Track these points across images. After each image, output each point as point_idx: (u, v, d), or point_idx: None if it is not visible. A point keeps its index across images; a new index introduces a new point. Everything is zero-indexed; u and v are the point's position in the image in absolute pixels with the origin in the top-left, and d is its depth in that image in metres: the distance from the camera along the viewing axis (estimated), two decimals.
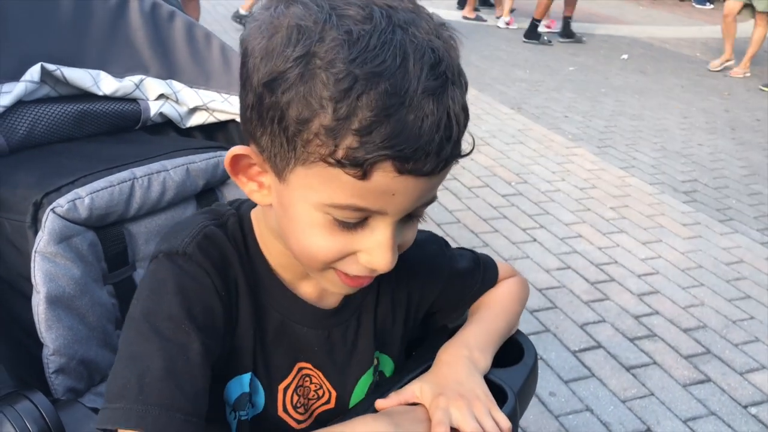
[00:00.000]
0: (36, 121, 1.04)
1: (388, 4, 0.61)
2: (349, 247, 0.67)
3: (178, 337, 0.66)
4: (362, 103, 0.57)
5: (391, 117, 0.58)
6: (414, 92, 0.58)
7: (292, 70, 0.59)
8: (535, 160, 4.23)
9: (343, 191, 0.62)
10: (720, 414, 2.20)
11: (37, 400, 0.78)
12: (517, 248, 3.11)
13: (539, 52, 7.26)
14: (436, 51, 0.60)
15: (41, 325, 0.87)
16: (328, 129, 0.58)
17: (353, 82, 0.57)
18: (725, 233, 3.50)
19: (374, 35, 0.58)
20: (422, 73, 0.59)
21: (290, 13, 0.61)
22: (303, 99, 0.59)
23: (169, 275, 0.69)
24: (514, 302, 0.95)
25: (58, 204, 0.90)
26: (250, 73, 0.63)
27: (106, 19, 1.12)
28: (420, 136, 0.59)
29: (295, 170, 0.63)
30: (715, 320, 2.72)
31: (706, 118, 5.54)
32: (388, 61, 0.58)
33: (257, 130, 0.64)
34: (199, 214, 0.78)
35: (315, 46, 0.58)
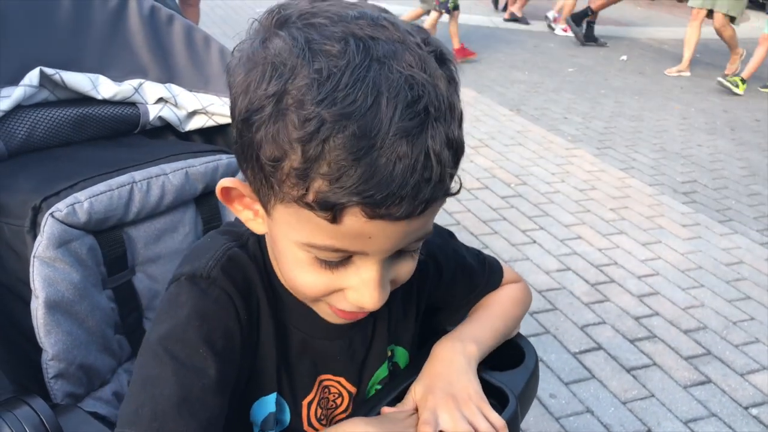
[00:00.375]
0: (35, 125, 1.04)
1: (371, 35, 0.58)
2: (336, 285, 0.66)
3: (194, 362, 0.66)
4: (329, 147, 0.55)
5: (360, 161, 0.55)
6: (385, 134, 0.55)
7: (266, 108, 0.57)
8: (534, 161, 4.23)
9: (319, 233, 0.60)
10: (721, 415, 2.20)
11: (36, 405, 0.77)
12: (517, 250, 3.11)
13: (538, 54, 7.26)
14: (414, 87, 0.56)
15: (40, 330, 0.87)
16: (297, 171, 0.57)
17: (320, 124, 0.55)
18: (725, 234, 3.50)
19: (346, 72, 0.55)
20: (395, 113, 0.55)
21: (269, 47, 0.59)
22: (274, 139, 0.57)
23: (190, 299, 0.69)
24: (515, 306, 0.95)
25: (57, 208, 0.89)
26: (233, 108, 0.62)
27: (104, 23, 1.12)
28: (391, 181, 0.56)
29: (276, 207, 0.62)
30: (716, 321, 2.72)
31: (705, 118, 5.54)
32: (359, 101, 0.55)
33: (242, 163, 0.64)
34: (218, 234, 0.77)
35: (288, 83, 0.56)
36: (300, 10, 0.61)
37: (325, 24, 0.59)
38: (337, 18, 0.59)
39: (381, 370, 0.86)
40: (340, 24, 0.58)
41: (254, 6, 8.12)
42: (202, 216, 1.10)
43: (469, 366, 0.81)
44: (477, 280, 0.94)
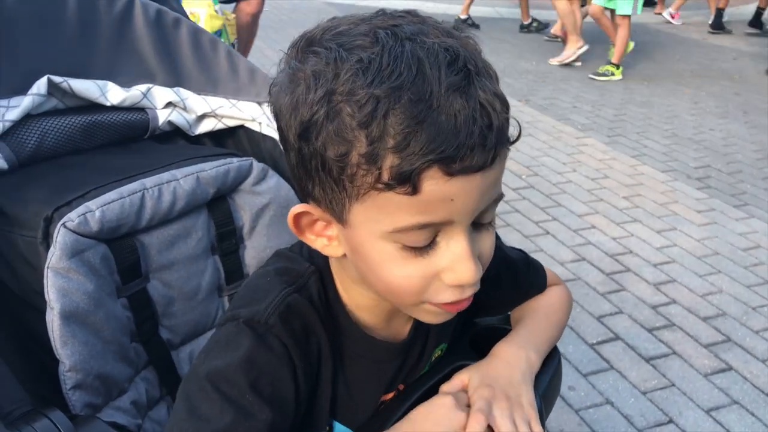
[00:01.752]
0: (44, 134, 1.03)
1: (392, 23, 0.62)
2: (431, 270, 0.65)
3: (242, 403, 0.66)
4: (390, 120, 0.57)
5: (423, 123, 0.57)
6: (438, 93, 0.57)
7: (318, 113, 0.60)
8: (545, 152, 4.20)
9: (403, 213, 0.61)
10: (743, 402, 2.18)
11: (55, 417, 0.77)
12: (531, 241, 3.09)
13: (545, 44, 7.20)
14: (449, 49, 0.60)
15: (56, 341, 0.86)
16: (366, 156, 0.58)
17: (376, 102, 0.57)
18: (741, 218, 3.46)
19: (384, 54, 0.58)
20: (440, 73, 0.58)
21: (306, 64, 0.62)
22: (335, 136, 0.59)
23: (245, 342, 0.69)
24: (564, 312, 0.96)
25: (69, 218, 0.89)
26: (286, 133, 0.64)
27: (111, 29, 1.11)
28: (458, 132, 0.58)
29: (352, 209, 0.63)
30: (734, 307, 2.69)
31: (716, 102, 5.48)
32: (404, 73, 0.58)
33: (307, 184, 0.65)
34: (277, 273, 0.76)
35: (332, 84, 0.59)
36: (322, 28, 0.64)
37: (349, 28, 0.62)
38: (358, 20, 0.64)
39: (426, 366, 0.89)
40: (363, 24, 0.62)
41: None
42: (215, 220, 1.09)
43: (530, 376, 0.82)
44: (521, 281, 0.94)
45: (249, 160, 1.13)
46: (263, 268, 0.80)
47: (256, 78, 1.20)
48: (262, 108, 1.20)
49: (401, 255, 0.64)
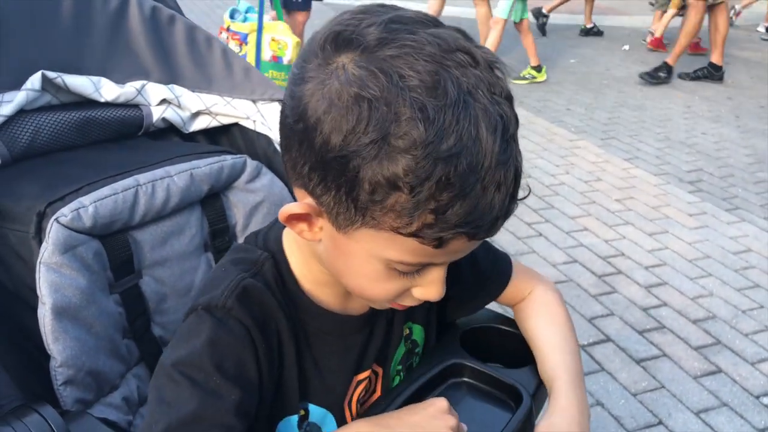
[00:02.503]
0: (38, 129, 1.03)
1: (456, 63, 0.59)
2: (406, 287, 0.71)
3: (209, 385, 0.67)
4: (441, 185, 0.58)
5: (468, 195, 0.58)
6: (489, 167, 0.59)
7: (367, 150, 0.58)
8: (538, 154, 4.22)
9: (414, 254, 0.64)
10: (732, 405, 2.19)
11: (45, 413, 0.77)
12: (523, 243, 3.10)
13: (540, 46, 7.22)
14: (503, 116, 0.60)
15: (48, 336, 0.86)
16: (404, 208, 0.59)
17: (434, 166, 0.57)
18: (732, 222, 3.48)
19: (448, 111, 0.57)
20: (495, 145, 0.59)
21: (353, 77, 0.59)
22: (379, 178, 0.58)
23: (205, 327, 0.70)
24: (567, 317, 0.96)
25: (61, 213, 0.89)
26: (312, 137, 0.61)
27: (106, 25, 1.11)
28: (492, 209, 0.60)
29: (361, 230, 0.63)
30: (725, 310, 2.70)
31: (709, 106, 5.51)
32: (464, 138, 0.57)
33: (317, 188, 0.63)
34: (231, 264, 0.78)
35: (392, 126, 0.57)
36: (377, 38, 0.60)
37: (409, 53, 0.59)
38: (417, 45, 0.59)
39: (399, 348, 0.89)
40: (423, 53, 0.59)
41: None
42: (208, 217, 1.09)
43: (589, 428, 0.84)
44: (481, 269, 0.94)
45: (243, 157, 1.13)
46: (222, 260, 0.81)
47: (251, 76, 1.20)
48: (256, 106, 1.20)
49: (387, 274, 0.68)
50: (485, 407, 0.88)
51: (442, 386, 0.89)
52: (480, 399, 0.89)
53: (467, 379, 0.90)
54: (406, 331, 0.89)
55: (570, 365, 0.87)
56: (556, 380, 0.86)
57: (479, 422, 0.86)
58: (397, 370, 0.89)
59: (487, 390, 0.89)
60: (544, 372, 0.88)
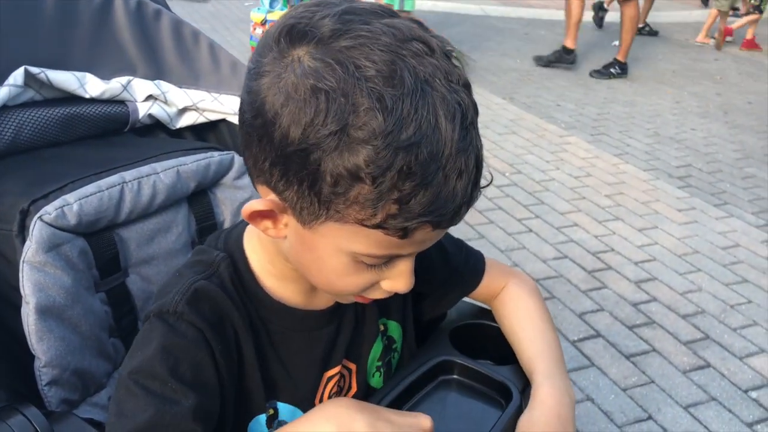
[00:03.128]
0: (21, 126, 1.02)
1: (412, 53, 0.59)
2: (375, 280, 0.70)
3: (165, 393, 0.67)
4: (403, 174, 0.57)
5: (430, 183, 0.58)
6: (449, 155, 0.59)
7: (327, 142, 0.57)
8: (528, 149, 4.22)
9: (380, 245, 0.63)
10: (720, 399, 2.20)
11: (30, 414, 0.76)
12: (513, 239, 3.10)
13: (530, 41, 7.24)
14: (461, 103, 0.60)
15: (32, 336, 0.84)
16: (368, 199, 0.59)
17: (394, 156, 0.57)
18: (720, 217, 3.50)
19: (405, 100, 0.57)
20: (454, 133, 0.59)
21: (309, 69, 0.58)
22: (340, 170, 0.58)
23: (158, 334, 0.69)
24: (542, 307, 0.96)
25: (45, 211, 0.87)
26: (271, 132, 0.60)
27: (90, 20, 1.09)
28: (455, 197, 0.60)
29: (326, 224, 0.63)
30: (713, 305, 2.72)
31: (698, 102, 5.54)
32: (423, 127, 0.57)
33: (279, 184, 0.63)
34: (186, 268, 0.77)
35: (350, 117, 0.57)
36: (331, 28, 0.59)
37: (364, 44, 0.58)
38: (371, 35, 0.59)
39: (376, 344, 0.88)
40: (378, 43, 0.59)
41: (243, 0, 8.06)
42: (195, 215, 1.08)
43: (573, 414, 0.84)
44: (453, 264, 0.94)
45: (230, 154, 1.12)
46: (178, 266, 0.80)
47: (238, 71, 1.19)
48: None
49: (355, 267, 0.67)
50: (475, 404, 0.88)
51: (432, 384, 0.89)
52: (470, 396, 0.89)
53: (457, 376, 0.90)
54: (381, 327, 0.89)
55: (547, 356, 0.88)
56: (534, 373, 0.86)
57: (469, 419, 0.85)
58: (376, 366, 0.88)
59: (477, 387, 0.89)
60: (523, 366, 0.89)
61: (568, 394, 0.84)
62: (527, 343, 0.90)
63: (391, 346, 0.91)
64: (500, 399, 0.86)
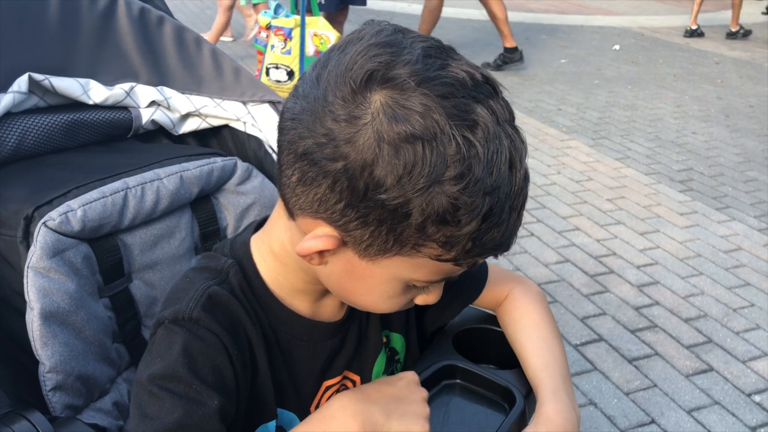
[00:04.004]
0: (25, 132, 1.02)
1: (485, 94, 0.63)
2: (412, 298, 0.74)
3: (190, 395, 0.67)
4: (483, 216, 0.61)
5: (502, 222, 0.63)
6: (516, 194, 0.64)
7: (419, 187, 0.59)
8: (529, 154, 4.17)
9: (439, 274, 0.68)
10: (724, 403, 2.20)
11: (34, 419, 0.76)
12: (515, 243, 3.10)
13: (530, 46, 7.25)
14: (524, 143, 0.65)
15: (36, 342, 0.85)
16: (449, 238, 0.62)
17: (483, 200, 0.60)
18: (722, 221, 3.49)
19: (490, 145, 0.61)
20: (519, 173, 0.63)
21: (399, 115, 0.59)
22: (430, 214, 0.60)
23: (177, 339, 0.70)
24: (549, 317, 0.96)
25: (49, 217, 0.88)
26: (356, 177, 0.60)
27: (94, 27, 1.10)
28: (515, 230, 0.66)
29: (393, 258, 0.65)
30: (716, 309, 2.72)
31: (699, 106, 5.54)
32: (502, 170, 0.61)
33: (351, 224, 0.63)
34: (195, 273, 0.78)
35: (443, 166, 0.59)
36: (410, 72, 0.60)
37: (450, 92, 0.60)
38: (454, 82, 0.61)
39: (380, 357, 0.88)
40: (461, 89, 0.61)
41: None
42: (199, 220, 1.09)
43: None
44: None
45: (233, 159, 1.12)
46: (186, 271, 0.80)
47: (241, 77, 1.20)
48: (246, 107, 1.19)
49: (402, 290, 0.71)
50: (478, 409, 0.88)
51: (436, 388, 0.89)
52: (473, 400, 0.89)
53: (460, 380, 0.90)
54: (383, 339, 0.89)
55: (552, 369, 0.87)
56: (540, 387, 0.85)
57: (473, 424, 0.86)
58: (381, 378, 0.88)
59: (480, 391, 0.89)
60: (528, 377, 0.88)
61: (574, 411, 0.84)
62: (532, 354, 0.89)
63: (394, 358, 0.91)
64: (504, 403, 0.87)
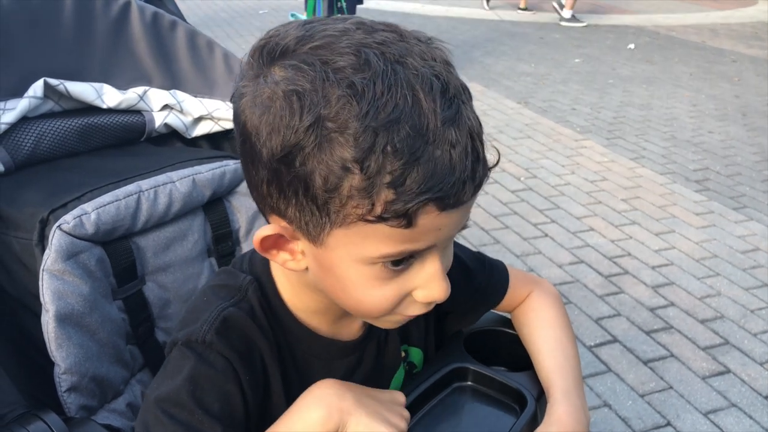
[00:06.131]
0: (41, 136, 1.04)
1: (376, 41, 0.59)
2: (405, 289, 0.67)
3: (192, 423, 0.66)
4: (388, 154, 0.56)
5: (420, 159, 0.56)
6: (435, 127, 0.57)
7: (306, 140, 0.57)
8: (543, 154, 4.20)
9: (391, 241, 0.61)
10: (741, 405, 2.18)
11: (50, 420, 0.77)
12: (529, 244, 3.09)
13: (544, 45, 7.22)
14: (439, 77, 0.59)
15: (51, 343, 0.86)
16: (360, 189, 0.57)
17: (374, 137, 0.56)
18: (739, 221, 3.46)
19: (377, 81, 0.56)
20: (436, 104, 0.57)
21: (281, 78, 0.59)
22: (326, 166, 0.57)
23: (186, 364, 0.69)
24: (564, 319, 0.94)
25: (64, 220, 0.89)
26: (257, 150, 0.60)
27: (107, 32, 1.11)
28: (453, 169, 0.58)
29: (333, 233, 0.62)
30: (733, 310, 2.69)
31: (716, 104, 5.49)
32: (401, 103, 0.56)
33: (280, 203, 0.62)
34: (213, 292, 0.76)
35: (322, 110, 0.56)
36: (295, 37, 0.60)
37: (329, 41, 0.59)
38: (336, 32, 0.60)
39: (398, 373, 0.87)
40: (343, 38, 0.59)
41: (257, 8, 8.13)
42: (211, 223, 1.09)
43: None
44: (477, 282, 0.92)
45: None
46: (203, 286, 0.79)
47: None
48: None
49: (377, 276, 0.65)
50: (490, 411, 0.88)
51: (447, 390, 0.89)
52: (484, 403, 0.89)
53: (471, 383, 0.90)
54: (402, 354, 0.88)
55: (565, 371, 0.86)
56: (552, 388, 0.84)
57: (483, 426, 0.85)
58: None
59: (492, 394, 0.89)
60: (540, 378, 0.88)
61: (585, 413, 0.83)
62: (546, 356, 0.89)
63: (413, 372, 0.90)
64: (515, 406, 0.86)
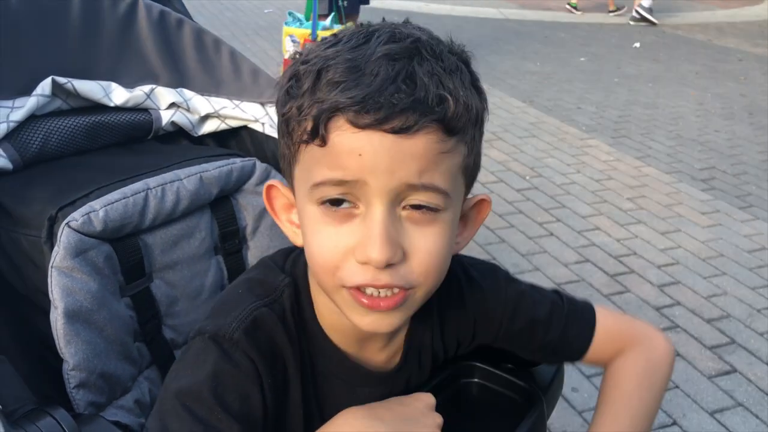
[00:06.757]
0: (49, 134, 1.04)
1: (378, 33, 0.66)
2: (344, 242, 0.64)
3: (211, 421, 0.65)
4: (323, 76, 0.62)
5: (347, 81, 0.60)
6: (370, 58, 0.61)
7: (287, 88, 0.66)
8: (549, 153, 4.20)
9: (318, 167, 0.63)
10: (747, 405, 2.17)
11: (59, 416, 0.77)
12: (534, 243, 3.08)
13: (549, 44, 7.21)
14: (404, 31, 0.64)
15: (60, 340, 0.87)
16: (298, 107, 0.63)
17: (323, 63, 0.62)
18: (746, 220, 3.44)
19: (347, 34, 0.65)
20: (381, 44, 0.62)
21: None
22: (288, 95, 0.65)
23: (210, 359, 0.68)
24: (660, 380, 0.86)
25: (72, 218, 0.89)
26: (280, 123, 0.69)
27: (114, 30, 1.12)
28: (369, 86, 0.59)
29: (294, 172, 0.68)
30: (739, 309, 2.68)
31: (722, 103, 5.46)
32: (352, 41, 0.64)
33: (282, 162, 0.70)
34: (249, 288, 0.75)
35: (299, 65, 0.65)
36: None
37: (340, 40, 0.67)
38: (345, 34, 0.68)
39: None
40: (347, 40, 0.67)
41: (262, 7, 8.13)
42: (218, 220, 1.10)
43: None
44: (548, 337, 0.84)
45: (252, 160, 1.13)
46: (241, 277, 0.79)
47: (259, 79, 1.21)
48: (265, 109, 1.21)
49: (321, 219, 0.65)
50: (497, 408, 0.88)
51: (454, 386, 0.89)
52: (492, 400, 0.89)
53: (479, 380, 0.90)
54: None
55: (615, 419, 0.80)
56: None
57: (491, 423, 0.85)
58: None
59: (500, 391, 0.89)
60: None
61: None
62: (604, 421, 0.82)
63: None
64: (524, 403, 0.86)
